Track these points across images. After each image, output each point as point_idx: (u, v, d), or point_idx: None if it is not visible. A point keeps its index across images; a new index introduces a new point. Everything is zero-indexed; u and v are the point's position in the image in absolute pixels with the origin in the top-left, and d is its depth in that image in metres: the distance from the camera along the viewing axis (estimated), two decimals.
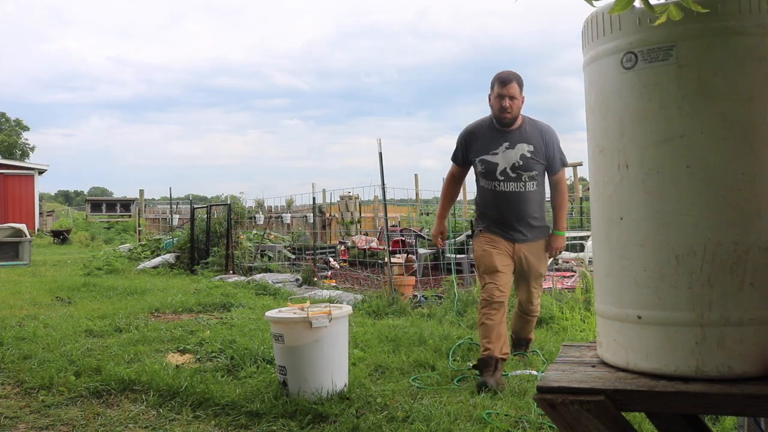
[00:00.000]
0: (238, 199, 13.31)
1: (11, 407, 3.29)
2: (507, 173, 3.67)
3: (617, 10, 1.30)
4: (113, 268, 10.28)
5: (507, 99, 3.59)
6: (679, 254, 1.40)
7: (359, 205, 14.94)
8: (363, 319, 5.58)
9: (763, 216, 1.39)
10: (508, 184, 3.69)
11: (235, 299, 6.69)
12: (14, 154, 46.06)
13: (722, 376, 1.38)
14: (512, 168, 3.66)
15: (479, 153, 3.73)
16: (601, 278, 1.59)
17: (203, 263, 10.28)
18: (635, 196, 1.46)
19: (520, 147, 3.64)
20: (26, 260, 12.25)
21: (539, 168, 3.70)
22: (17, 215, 22.89)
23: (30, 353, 4.30)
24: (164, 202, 20.54)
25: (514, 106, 3.62)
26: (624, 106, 1.48)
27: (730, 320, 1.38)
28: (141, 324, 5.34)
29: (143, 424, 3.03)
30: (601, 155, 1.55)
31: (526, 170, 3.65)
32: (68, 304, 6.82)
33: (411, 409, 3.06)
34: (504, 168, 3.66)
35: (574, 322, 4.94)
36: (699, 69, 1.39)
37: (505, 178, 3.69)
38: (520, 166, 3.65)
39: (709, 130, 1.39)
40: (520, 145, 3.64)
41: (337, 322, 3.34)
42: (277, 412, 3.06)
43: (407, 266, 8.69)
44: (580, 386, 1.42)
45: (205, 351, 4.29)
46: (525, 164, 3.65)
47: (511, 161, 3.65)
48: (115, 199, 33.49)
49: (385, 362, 3.97)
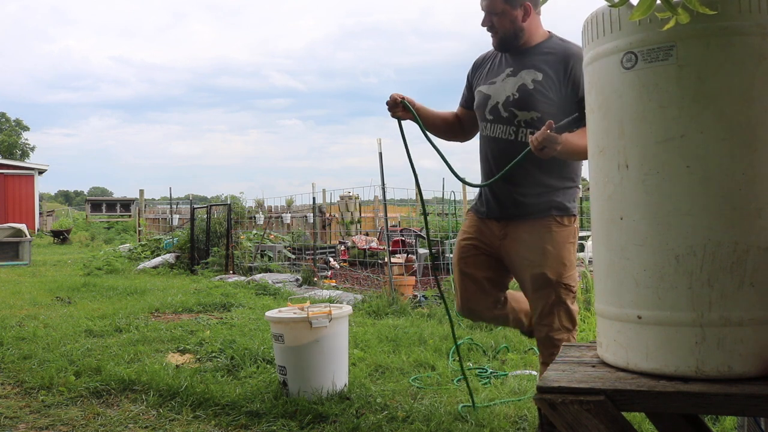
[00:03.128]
0: (238, 199, 13.31)
1: (11, 407, 3.29)
2: (498, 110, 2.50)
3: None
4: (113, 268, 10.27)
5: (487, 17, 2.49)
6: (679, 254, 1.40)
7: (359, 205, 14.94)
8: (363, 319, 5.58)
9: (763, 216, 1.39)
10: (495, 127, 2.52)
11: (235, 299, 6.69)
12: (14, 154, 46.07)
13: (722, 376, 1.38)
14: (505, 103, 2.48)
15: (479, 83, 2.66)
16: (601, 278, 1.59)
17: (203, 263, 10.28)
18: (635, 196, 1.46)
19: (523, 74, 2.47)
20: (26, 260, 12.25)
21: (548, 109, 2.39)
22: (17, 215, 22.89)
23: (30, 353, 4.30)
24: (164, 202, 20.52)
25: (500, 21, 2.46)
26: (624, 106, 1.48)
27: (730, 320, 1.38)
28: (141, 324, 5.34)
29: (143, 424, 3.03)
30: (601, 155, 1.55)
31: (523, 109, 2.42)
32: (68, 304, 6.81)
33: (411, 409, 3.06)
34: (496, 102, 2.51)
35: None
36: (699, 69, 1.39)
37: (494, 118, 2.51)
38: (514, 102, 2.45)
39: (709, 130, 1.39)
40: (524, 72, 2.46)
41: (337, 322, 3.34)
42: (277, 412, 3.06)
43: (407, 266, 8.69)
44: (580, 386, 1.42)
45: (205, 351, 4.29)
46: (523, 100, 2.43)
47: (506, 94, 2.48)
48: (115, 199, 33.51)
49: (385, 362, 3.96)
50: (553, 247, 2.44)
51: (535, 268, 2.45)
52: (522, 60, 2.50)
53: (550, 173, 2.47)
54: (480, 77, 2.66)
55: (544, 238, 2.44)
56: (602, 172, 1.55)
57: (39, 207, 26.85)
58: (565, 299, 2.45)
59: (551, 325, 2.45)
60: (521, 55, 2.51)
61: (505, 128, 2.49)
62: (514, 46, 2.50)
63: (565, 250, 2.47)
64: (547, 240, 2.44)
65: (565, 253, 2.47)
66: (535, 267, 2.45)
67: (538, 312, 2.49)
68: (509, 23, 2.46)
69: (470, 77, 2.75)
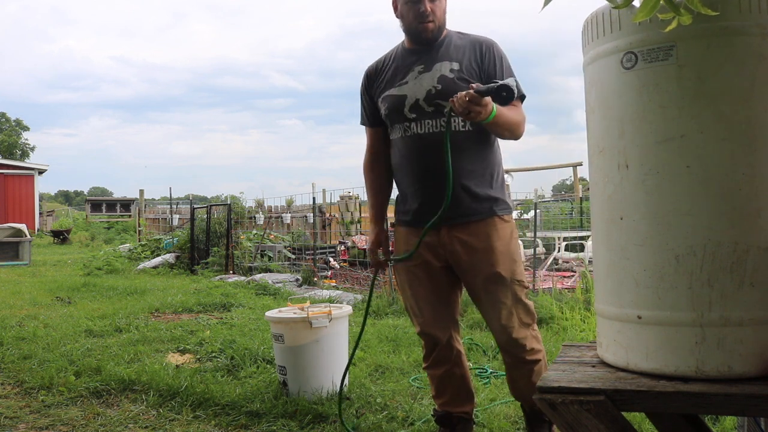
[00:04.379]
0: (238, 199, 13.32)
1: (11, 407, 3.29)
2: (420, 107, 2.37)
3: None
4: (113, 268, 10.28)
5: (427, 3, 2.32)
6: (679, 254, 1.40)
7: (359, 205, 14.93)
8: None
9: (763, 216, 1.39)
10: (422, 123, 2.37)
11: (235, 299, 6.69)
12: (14, 154, 46.05)
13: (722, 376, 1.38)
14: (427, 98, 2.36)
15: (383, 90, 2.48)
16: (601, 278, 1.59)
17: (203, 263, 10.27)
18: (635, 196, 1.46)
19: (438, 67, 2.37)
20: (26, 260, 12.25)
21: None
22: (17, 215, 22.90)
23: (30, 353, 4.30)
24: (164, 202, 20.53)
25: (437, 9, 2.34)
26: (624, 106, 1.48)
27: (730, 320, 1.38)
28: (141, 324, 5.35)
29: (143, 424, 3.03)
30: (601, 155, 1.55)
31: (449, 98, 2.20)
32: (68, 304, 6.81)
33: (411, 409, 3.07)
34: (416, 100, 2.38)
35: (574, 322, 4.94)
36: (699, 69, 1.39)
37: (418, 115, 2.38)
38: (438, 93, 2.33)
39: (709, 130, 1.39)
40: (438, 65, 2.37)
41: (337, 322, 3.34)
42: (277, 412, 3.06)
43: None
44: (580, 386, 1.42)
45: (205, 351, 4.29)
46: (447, 89, 2.30)
47: (426, 89, 2.36)
48: (115, 199, 33.52)
49: (385, 362, 3.96)
50: (501, 244, 2.37)
51: (488, 268, 2.36)
52: (429, 56, 2.40)
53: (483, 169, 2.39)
54: (381, 84, 2.50)
55: (491, 237, 2.36)
56: (602, 172, 1.55)
57: (39, 207, 26.87)
58: (521, 296, 2.40)
59: (512, 326, 2.38)
60: (426, 53, 2.41)
61: (434, 122, 2.36)
62: (437, 38, 2.40)
63: (513, 245, 2.42)
64: (494, 238, 2.37)
65: (513, 248, 2.42)
66: (488, 267, 2.36)
67: (495, 316, 2.39)
68: (441, 13, 2.39)
69: (368, 90, 2.57)
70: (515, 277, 2.39)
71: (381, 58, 2.57)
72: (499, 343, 2.48)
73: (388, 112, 2.46)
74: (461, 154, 2.32)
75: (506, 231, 2.41)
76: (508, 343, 2.42)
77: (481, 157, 2.38)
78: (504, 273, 2.36)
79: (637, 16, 1.31)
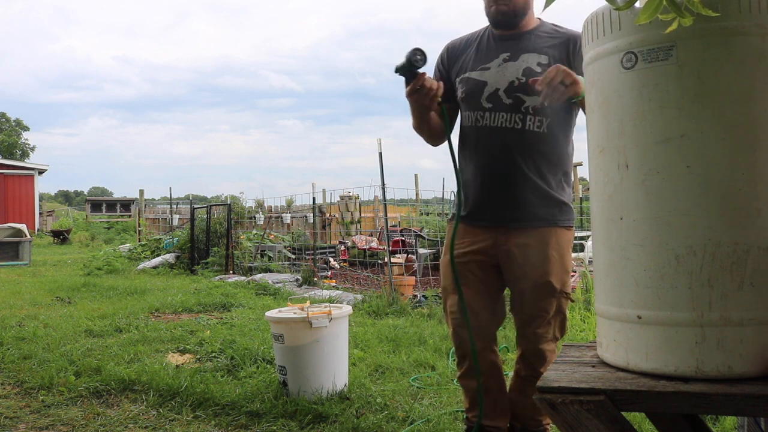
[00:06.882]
0: (238, 199, 13.34)
1: (11, 407, 3.29)
2: (498, 97, 2.23)
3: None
4: (113, 268, 10.28)
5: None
6: (679, 254, 1.40)
7: (359, 205, 14.94)
8: (363, 319, 5.59)
9: (763, 216, 1.39)
10: (496, 115, 2.24)
11: (235, 299, 6.69)
12: (14, 154, 46.07)
13: (722, 376, 1.38)
14: (508, 89, 2.22)
15: (464, 70, 2.34)
16: (601, 278, 1.59)
17: (203, 263, 10.28)
18: (635, 196, 1.46)
19: (526, 58, 2.23)
20: (26, 260, 12.25)
21: None
22: (17, 215, 22.90)
23: (30, 353, 4.30)
24: (164, 202, 20.53)
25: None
26: (624, 106, 1.48)
27: (730, 320, 1.38)
28: (141, 324, 5.35)
29: (143, 424, 3.03)
30: (601, 155, 1.55)
31: (532, 93, 2.13)
32: (68, 304, 6.82)
33: (411, 409, 3.07)
34: (495, 89, 2.24)
35: (574, 322, 4.94)
36: (699, 69, 1.39)
37: (494, 106, 2.24)
38: (521, 86, 2.21)
39: (709, 130, 1.39)
40: (526, 56, 2.23)
41: (337, 322, 3.34)
42: (277, 412, 3.06)
43: (407, 266, 8.69)
44: (580, 386, 1.41)
45: (205, 351, 4.29)
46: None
47: (509, 79, 2.22)
48: (115, 199, 33.49)
49: (385, 362, 3.97)
50: (558, 254, 2.28)
51: (541, 276, 2.26)
52: (518, 44, 2.26)
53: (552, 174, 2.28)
54: (464, 63, 2.34)
55: (549, 244, 2.27)
56: (602, 172, 1.55)
57: (39, 207, 26.86)
58: (564, 308, 2.33)
59: (544, 336, 2.29)
60: (516, 40, 2.28)
61: (509, 116, 2.22)
62: (514, 24, 2.27)
63: (568, 256, 2.33)
64: (553, 247, 2.27)
65: (568, 259, 2.33)
66: (541, 275, 2.26)
67: (532, 323, 2.30)
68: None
69: (445, 65, 2.42)
70: (565, 289, 2.31)
71: (466, 35, 2.42)
72: (523, 351, 2.36)
73: (465, 96, 2.32)
74: (534, 152, 2.23)
75: (565, 240, 2.32)
76: (532, 352, 2.32)
77: (554, 158, 2.27)
78: (555, 283, 2.27)
79: (639, 18, 1.31)
